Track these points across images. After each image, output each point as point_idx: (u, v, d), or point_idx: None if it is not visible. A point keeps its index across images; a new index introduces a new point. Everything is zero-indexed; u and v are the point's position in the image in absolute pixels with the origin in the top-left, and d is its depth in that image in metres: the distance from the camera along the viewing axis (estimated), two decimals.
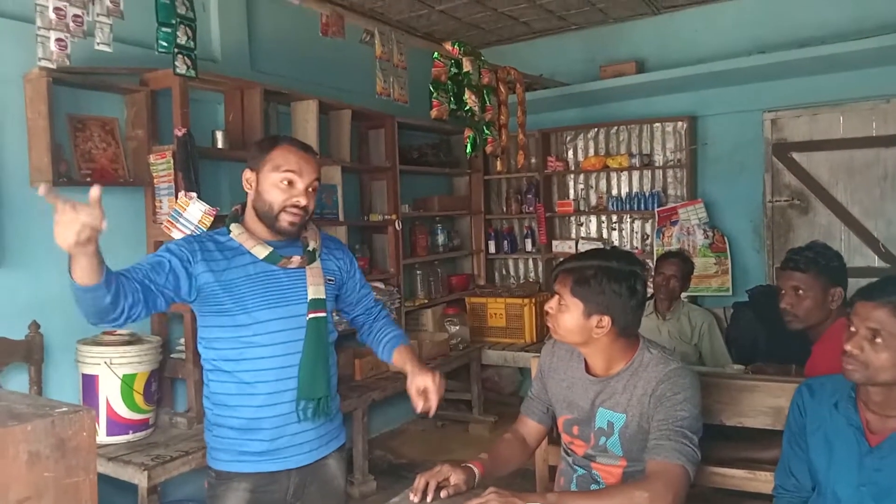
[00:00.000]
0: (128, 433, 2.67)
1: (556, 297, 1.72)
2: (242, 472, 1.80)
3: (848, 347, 1.54)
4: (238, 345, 1.76)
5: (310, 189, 1.79)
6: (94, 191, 1.38)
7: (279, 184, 1.76)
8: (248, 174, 1.82)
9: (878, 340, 1.50)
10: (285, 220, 1.77)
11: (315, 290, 1.83)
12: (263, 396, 1.77)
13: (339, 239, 2.09)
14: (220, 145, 3.27)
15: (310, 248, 1.86)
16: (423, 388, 1.83)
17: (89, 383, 2.64)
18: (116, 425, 2.65)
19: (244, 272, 1.76)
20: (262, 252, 1.78)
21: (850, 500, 1.57)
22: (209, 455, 1.86)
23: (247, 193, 1.84)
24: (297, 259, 1.81)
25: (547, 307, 1.76)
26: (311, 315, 1.81)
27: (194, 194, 2.83)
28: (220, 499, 1.81)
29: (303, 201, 1.77)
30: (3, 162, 2.70)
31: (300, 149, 1.82)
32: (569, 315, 1.69)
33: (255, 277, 1.77)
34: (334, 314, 2.01)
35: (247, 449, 1.79)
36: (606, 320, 1.66)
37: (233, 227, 1.82)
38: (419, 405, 1.82)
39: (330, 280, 1.90)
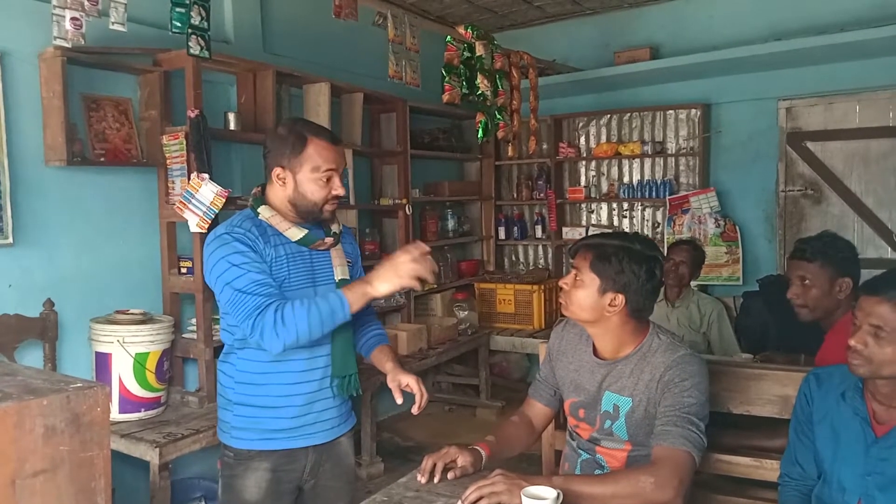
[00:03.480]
0: (140, 411, 2.71)
1: (573, 272, 1.73)
2: (264, 451, 1.82)
3: (852, 342, 1.54)
4: None
5: (343, 176, 1.86)
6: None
7: (320, 182, 1.80)
8: (279, 172, 1.80)
9: (882, 335, 1.50)
10: (328, 210, 1.85)
11: (342, 272, 1.89)
12: (295, 374, 1.82)
13: (346, 226, 2.13)
14: (232, 127, 3.28)
15: (334, 231, 1.91)
16: (406, 383, 1.84)
17: (102, 361, 2.68)
18: (129, 403, 2.68)
19: (282, 252, 1.81)
20: (296, 234, 1.82)
21: (856, 490, 1.57)
22: (227, 433, 1.87)
23: (269, 183, 1.85)
24: (329, 241, 1.87)
25: (562, 282, 1.77)
26: None
27: (206, 175, 2.84)
28: (239, 478, 1.83)
29: (342, 192, 1.84)
30: (18, 141, 2.72)
31: (331, 142, 1.84)
32: (584, 291, 1.70)
33: (289, 258, 1.82)
34: None
35: (274, 426, 1.82)
36: (620, 299, 1.67)
37: (262, 209, 1.83)
38: (400, 398, 1.84)
39: (349, 262, 1.95)
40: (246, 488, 1.82)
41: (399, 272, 1.70)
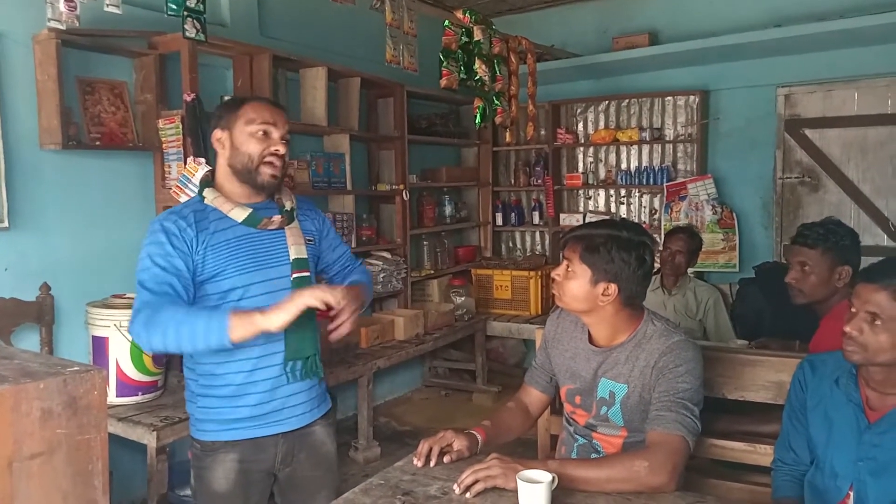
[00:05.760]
0: (137, 394, 2.71)
1: (565, 263, 1.74)
2: (230, 441, 1.77)
3: (847, 329, 1.54)
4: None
5: (284, 139, 1.79)
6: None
7: (256, 135, 1.74)
8: (218, 134, 1.77)
9: (878, 323, 1.50)
10: (266, 172, 1.75)
11: (297, 251, 1.81)
12: (253, 361, 1.75)
13: (309, 200, 2.04)
14: None
15: (287, 209, 1.83)
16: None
17: (99, 345, 2.68)
18: (126, 387, 2.69)
19: (224, 237, 1.73)
20: (240, 215, 1.75)
21: (848, 475, 1.59)
22: (193, 426, 1.84)
23: (215, 157, 1.81)
24: (277, 219, 1.79)
25: (554, 274, 1.77)
26: (296, 275, 1.79)
27: (203, 160, 2.83)
28: (207, 470, 1.79)
29: (281, 149, 1.77)
30: (12, 124, 2.70)
31: (269, 103, 1.82)
32: (576, 282, 1.70)
33: (235, 241, 1.74)
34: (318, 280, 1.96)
35: (236, 416, 1.77)
36: (613, 288, 1.68)
37: (206, 192, 1.78)
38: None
39: (309, 241, 1.87)
40: (215, 480, 1.78)
41: (295, 301, 1.59)
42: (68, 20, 2.49)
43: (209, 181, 1.82)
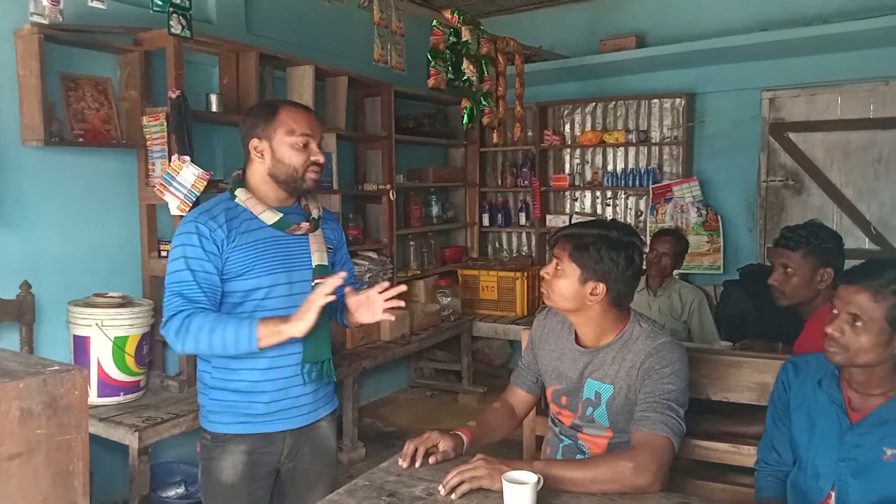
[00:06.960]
0: (119, 395, 2.68)
1: (554, 261, 1.74)
2: (240, 434, 1.82)
3: (829, 330, 1.56)
4: (249, 308, 1.79)
5: (321, 146, 1.86)
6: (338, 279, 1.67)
7: (296, 146, 1.80)
8: (256, 143, 1.81)
9: (858, 324, 1.52)
10: (310, 178, 1.83)
11: (319, 257, 1.87)
12: (268, 359, 1.80)
13: (331, 212, 2.12)
14: (214, 109, 3.24)
15: (314, 216, 1.90)
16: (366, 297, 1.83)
17: (81, 345, 2.65)
18: (107, 387, 2.66)
19: (253, 237, 1.79)
20: (271, 218, 1.81)
21: (830, 475, 1.60)
22: (205, 417, 1.88)
23: (248, 161, 1.84)
24: (305, 225, 1.85)
25: (543, 272, 1.78)
26: (317, 281, 1.84)
27: (188, 158, 2.80)
28: (216, 460, 1.84)
29: (321, 158, 1.84)
30: None
31: (304, 110, 1.87)
32: (564, 280, 1.71)
33: (263, 242, 1.80)
34: None
35: (249, 411, 1.82)
36: (601, 288, 1.68)
37: (238, 192, 1.83)
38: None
39: (329, 248, 1.94)
40: (223, 471, 1.83)
41: (310, 306, 1.68)
42: (51, 15, 2.47)
43: (240, 181, 1.86)
